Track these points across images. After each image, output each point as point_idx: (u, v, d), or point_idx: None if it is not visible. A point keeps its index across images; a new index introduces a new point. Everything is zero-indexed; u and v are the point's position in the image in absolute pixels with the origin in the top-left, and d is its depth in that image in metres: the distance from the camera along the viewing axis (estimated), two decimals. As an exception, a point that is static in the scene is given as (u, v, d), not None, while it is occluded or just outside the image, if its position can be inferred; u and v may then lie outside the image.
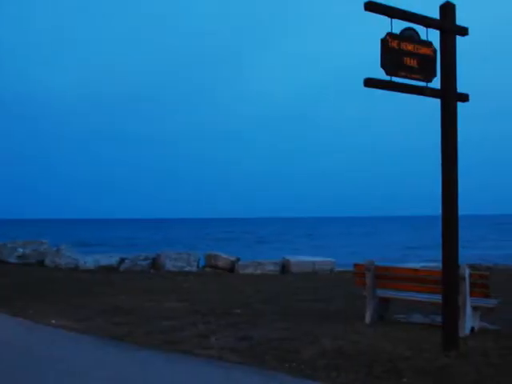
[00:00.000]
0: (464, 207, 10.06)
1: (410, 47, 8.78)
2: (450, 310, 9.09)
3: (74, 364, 8.60)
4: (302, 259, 24.64)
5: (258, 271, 23.10)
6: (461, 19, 9.19)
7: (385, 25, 8.54)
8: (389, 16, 8.50)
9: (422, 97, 9.04)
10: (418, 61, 8.86)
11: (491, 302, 10.88)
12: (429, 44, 9.03)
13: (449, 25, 9.06)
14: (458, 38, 9.19)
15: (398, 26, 8.70)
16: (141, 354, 9.24)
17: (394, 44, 8.61)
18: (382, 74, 8.53)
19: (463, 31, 9.24)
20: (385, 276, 11.83)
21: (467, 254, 33.18)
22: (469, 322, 10.45)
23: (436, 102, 9.14)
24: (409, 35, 8.84)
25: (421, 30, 8.94)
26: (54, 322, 11.80)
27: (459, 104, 9.27)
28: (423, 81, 8.94)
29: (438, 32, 9.09)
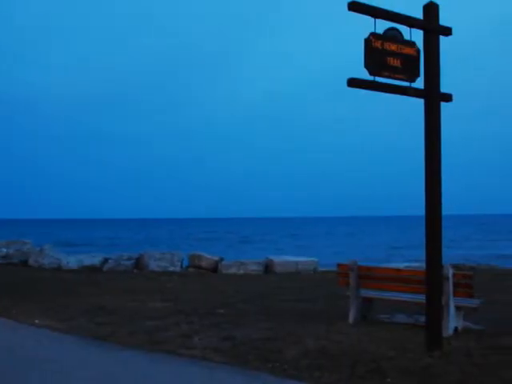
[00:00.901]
0: (448, 207, 10.08)
1: (393, 47, 8.78)
2: (434, 310, 9.09)
3: (57, 364, 8.56)
4: (285, 259, 24.65)
5: (242, 271, 23.11)
6: (444, 19, 9.20)
7: (369, 25, 8.55)
8: (372, 16, 8.50)
9: (407, 97, 9.05)
10: (401, 61, 8.86)
11: (474, 302, 10.90)
12: (412, 44, 9.03)
13: (432, 25, 9.06)
14: (442, 38, 9.19)
15: (382, 26, 8.71)
16: (124, 354, 9.21)
17: (378, 44, 8.61)
18: (366, 74, 8.54)
19: (447, 31, 9.24)
20: (368, 276, 11.82)
21: (451, 254, 33.38)
22: (452, 321, 10.46)
23: (420, 102, 9.15)
24: (392, 35, 8.84)
25: (404, 30, 8.94)
26: (37, 321, 11.75)
27: (443, 104, 9.27)
28: (407, 81, 8.94)
29: (421, 32, 9.09)
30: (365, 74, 8.53)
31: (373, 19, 8.53)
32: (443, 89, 9.28)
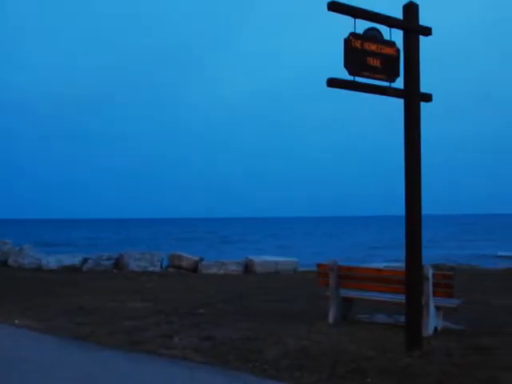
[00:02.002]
0: (428, 207, 10.11)
1: (373, 47, 8.78)
2: (414, 310, 9.10)
3: (37, 364, 8.50)
4: (265, 259, 24.67)
5: (222, 271, 23.12)
6: (424, 19, 9.21)
7: (349, 24, 8.55)
8: (352, 16, 8.49)
9: (387, 97, 9.05)
10: (381, 61, 8.85)
11: (454, 302, 10.93)
12: (392, 44, 9.03)
13: (412, 25, 9.07)
14: (422, 38, 9.20)
15: (362, 25, 8.70)
16: (104, 354, 9.17)
17: (357, 44, 8.61)
18: (346, 74, 8.53)
19: (426, 31, 9.25)
20: (348, 276, 11.82)
21: (431, 254, 33.52)
22: (432, 321, 10.48)
23: (401, 102, 9.15)
24: (372, 35, 8.83)
25: (384, 30, 8.94)
26: (17, 322, 11.69)
27: (422, 104, 9.28)
28: (386, 81, 8.94)
29: (401, 32, 9.09)
30: (346, 74, 8.53)
31: (353, 19, 8.53)
32: (423, 89, 9.29)
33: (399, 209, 9.59)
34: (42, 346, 9.81)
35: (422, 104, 9.31)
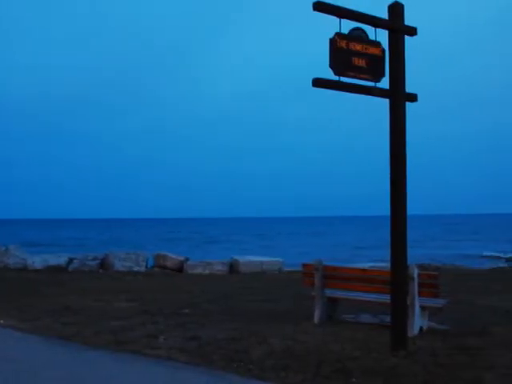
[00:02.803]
0: (414, 207, 10.11)
1: (358, 47, 8.78)
2: (399, 310, 9.10)
3: (23, 364, 8.44)
4: (250, 259, 24.69)
5: (207, 271, 23.14)
6: (409, 19, 9.22)
7: (335, 24, 8.54)
8: (337, 16, 8.48)
9: (372, 96, 9.05)
10: (366, 61, 8.85)
11: (440, 302, 10.94)
12: (377, 44, 9.03)
13: (397, 25, 9.07)
14: (407, 38, 9.20)
15: (347, 26, 8.70)
16: (90, 354, 9.12)
17: (343, 44, 8.60)
18: (331, 74, 8.52)
19: (412, 31, 9.25)
20: (333, 276, 11.81)
21: (416, 254, 33.56)
22: (417, 321, 10.49)
23: (386, 102, 9.15)
24: (357, 35, 8.83)
25: (369, 30, 8.94)
26: (2, 322, 11.64)
27: (408, 104, 9.29)
28: (372, 81, 8.94)
29: (386, 32, 9.09)
30: (330, 74, 8.52)
31: (338, 19, 8.53)
32: (408, 89, 9.30)
33: (384, 209, 9.59)
34: (28, 346, 9.76)
35: (408, 104, 9.32)
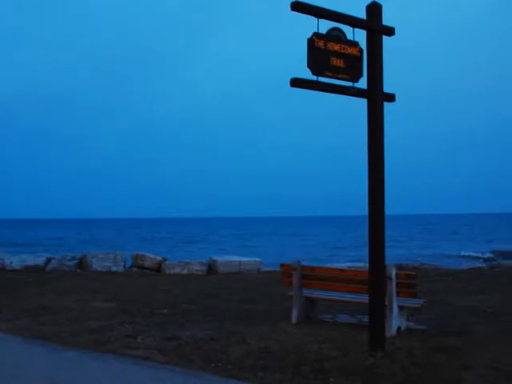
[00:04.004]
0: (392, 207, 10.15)
1: (336, 47, 8.77)
2: (377, 310, 9.11)
3: (2, 364, 8.42)
4: (228, 259, 24.64)
5: (185, 271, 23.11)
6: (387, 19, 9.22)
7: (313, 24, 8.53)
8: (315, 16, 8.47)
9: (350, 96, 9.05)
10: (344, 61, 8.85)
11: (418, 302, 10.97)
12: (355, 44, 9.03)
13: (375, 25, 9.07)
14: (385, 38, 9.21)
15: (326, 25, 8.69)
16: (68, 354, 9.08)
17: (321, 44, 8.59)
18: (309, 74, 8.51)
19: (390, 31, 9.26)
20: (311, 276, 11.81)
21: (395, 254, 33.71)
22: (395, 321, 10.51)
23: (364, 102, 9.16)
24: (335, 35, 8.82)
25: (348, 30, 8.94)
26: None
27: (386, 104, 9.30)
28: (350, 81, 8.94)
29: (364, 32, 9.10)
30: (309, 74, 8.51)
31: (316, 19, 8.52)
32: (386, 89, 9.31)
33: (362, 209, 9.61)
34: (7, 346, 9.71)
35: (386, 104, 9.34)
